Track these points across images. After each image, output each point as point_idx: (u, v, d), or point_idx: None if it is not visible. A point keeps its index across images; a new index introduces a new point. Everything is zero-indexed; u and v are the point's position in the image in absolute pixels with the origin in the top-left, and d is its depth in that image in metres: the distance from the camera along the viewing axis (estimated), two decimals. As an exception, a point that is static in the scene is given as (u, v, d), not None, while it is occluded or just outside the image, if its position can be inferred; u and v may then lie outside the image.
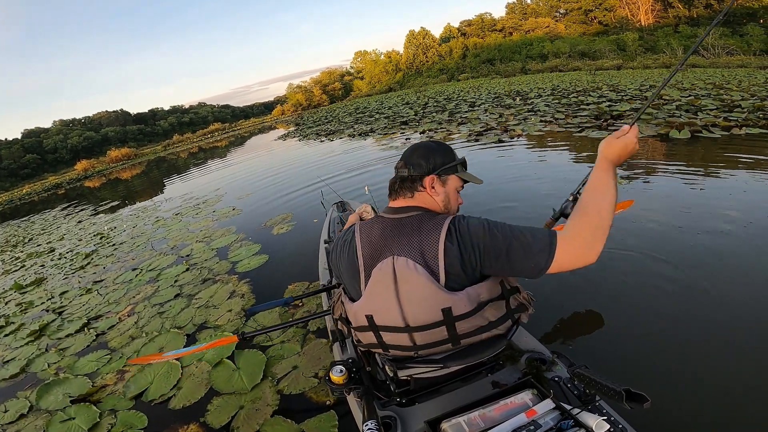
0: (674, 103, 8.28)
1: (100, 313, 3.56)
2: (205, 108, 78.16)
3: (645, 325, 2.03)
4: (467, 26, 47.79)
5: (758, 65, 20.00)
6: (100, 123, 62.47)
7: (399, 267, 0.99)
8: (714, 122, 6.04)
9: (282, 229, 4.49)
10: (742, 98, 8.16)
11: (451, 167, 1.12)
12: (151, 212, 7.67)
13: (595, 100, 10.13)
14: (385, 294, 1.02)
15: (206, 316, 2.99)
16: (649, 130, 6.05)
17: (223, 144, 25.79)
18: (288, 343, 2.43)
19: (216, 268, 3.81)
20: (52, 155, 52.75)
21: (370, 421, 1.00)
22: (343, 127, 14.81)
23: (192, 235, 5.12)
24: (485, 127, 8.61)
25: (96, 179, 22.82)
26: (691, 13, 35.03)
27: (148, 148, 43.32)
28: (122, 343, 2.90)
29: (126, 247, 5.53)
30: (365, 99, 38.46)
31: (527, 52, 38.58)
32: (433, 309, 0.99)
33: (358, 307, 1.08)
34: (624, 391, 0.84)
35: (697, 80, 13.16)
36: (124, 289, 3.94)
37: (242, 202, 6.47)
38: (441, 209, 1.10)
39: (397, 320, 1.03)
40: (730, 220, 2.91)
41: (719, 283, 2.23)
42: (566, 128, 7.10)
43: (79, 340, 3.09)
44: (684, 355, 1.80)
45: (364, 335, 1.13)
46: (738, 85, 10.89)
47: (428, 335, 1.03)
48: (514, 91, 15.80)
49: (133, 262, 4.71)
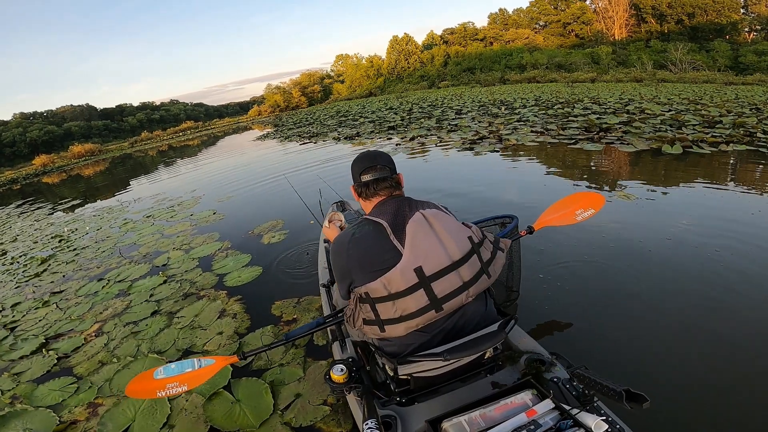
0: (657, 117, 8.48)
1: (60, 330, 3.09)
2: (177, 105, 75.16)
3: (644, 326, 2.05)
4: (450, 34, 48.49)
5: (723, 81, 21.21)
6: (63, 117, 58.90)
7: (429, 214, 1.15)
8: (702, 138, 6.15)
9: (274, 238, 4.08)
10: (719, 114, 8.47)
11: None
12: (118, 213, 6.99)
13: (581, 111, 10.28)
14: (427, 237, 1.12)
15: (192, 339, 2.59)
16: (641, 144, 6.08)
17: (196, 143, 24.74)
18: (288, 366, 2.17)
19: (199, 281, 3.38)
20: (10, 149, 49.53)
21: (370, 420, 1.01)
22: (327, 130, 14.44)
23: (168, 242, 4.62)
24: (477, 135, 8.51)
25: (55, 175, 21.28)
26: (663, 28, 36.94)
27: (114, 144, 41.12)
28: (90, 370, 2.49)
29: (89, 252, 4.95)
30: (346, 102, 38.10)
31: (506, 62, 39.48)
32: (463, 239, 1.16)
33: (404, 264, 1.09)
34: (624, 391, 0.85)
35: (671, 95, 13.70)
36: (89, 302, 3.45)
37: (223, 205, 5.98)
38: None
39: (444, 260, 1.11)
40: (738, 230, 3.00)
41: (719, 283, 2.27)
42: (559, 140, 7.08)
43: (37, 364, 2.67)
44: (683, 356, 1.82)
45: (414, 299, 1.10)
46: (711, 100, 11.38)
47: (467, 269, 1.14)
48: (498, 101, 15.95)
49: (99, 271, 4.18)
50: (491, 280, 1.20)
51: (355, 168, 1.29)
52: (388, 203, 1.22)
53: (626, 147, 6.09)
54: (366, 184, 1.26)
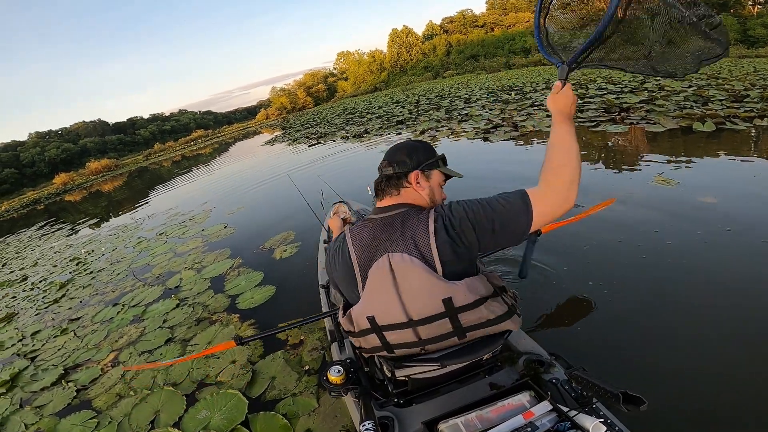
0: (680, 93, 8.02)
1: (78, 360, 3.06)
2: (187, 115, 76.31)
3: (643, 327, 2.00)
4: (449, 23, 47.77)
5: (737, 54, 20.25)
6: (77, 134, 60.47)
7: (395, 262, 0.98)
8: (734, 114, 5.74)
9: (285, 252, 3.94)
10: (744, 88, 7.97)
11: (433, 162, 1.12)
12: (133, 232, 7.01)
13: (596, 92, 9.84)
14: (384, 291, 1.00)
15: (205, 369, 2.48)
16: (669, 123, 5.71)
17: (207, 151, 25.01)
18: (300, 396, 2.06)
19: (212, 304, 3.27)
20: (30, 169, 51.00)
21: (368, 421, 1.00)
22: (334, 129, 14.30)
23: (180, 261, 4.55)
24: (491, 124, 8.21)
25: (76, 193, 21.85)
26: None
27: (129, 159, 42.07)
28: (108, 403, 2.44)
29: (105, 275, 4.93)
30: (351, 99, 37.95)
31: (510, 47, 38.67)
32: (434, 300, 0.98)
33: (358, 310, 1.05)
34: (621, 394, 0.84)
35: (690, 69, 13.03)
36: (105, 330, 3.40)
37: (234, 218, 5.89)
38: (427, 203, 1.09)
39: (399, 316, 1.01)
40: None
41: (719, 284, 2.20)
42: (579, 123, 6.73)
43: (58, 396, 2.66)
44: (682, 358, 1.78)
45: (367, 339, 1.08)
46: (730, 74, 10.76)
47: (433, 328, 1.01)
48: (507, 86, 15.51)
49: (114, 295, 4.14)
50: (463, 342, 1.08)
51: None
52: (377, 221, 1.08)
53: (653, 126, 5.73)
54: (377, 180, 1.15)
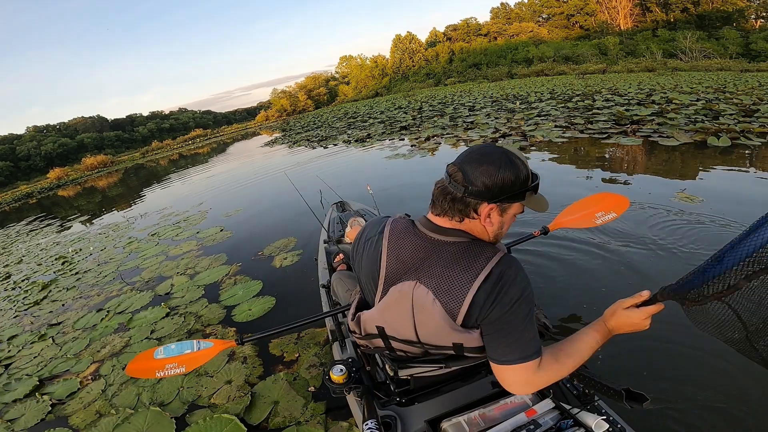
0: (689, 107, 7.92)
1: (56, 371, 2.79)
2: (186, 114, 75.80)
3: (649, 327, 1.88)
4: (453, 31, 48.01)
5: (739, 68, 20.40)
6: (75, 129, 59.81)
7: (418, 296, 0.90)
8: (749, 128, 5.61)
9: (286, 260, 3.68)
10: (753, 102, 7.89)
11: (519, 194, 0.85)
12: (124, 231, 6.70)
13: (603, 103, 9.73)
14: (400, 314, 0.95)
15: (197, 388, 2.23)
16: (683, 137, 5.56)
17: (206, 151, 24.69)
18: (306, 426, 1.84)
19: (205, 315, 3.00)
20: (26, 162, 50.33)
21: (370, 421, 1.01)
22: (336, 133, 14.10)
23: (172, 265, 4.27)
24: (498, 133, 8.04)
25: (70, 188, 21.41)
26: (669, 17, 36.11)
27: (126, 155, 41.55)
28: (87, 421, 2.19)
29: (91, 276, 4.64)
30: (353, 104, 37.84)
31: (512, 56, 38.92)
32: (444, 341, 0.93)
33: (369, 316, 1.01)
34: (624, 391, 0.84)
35: (692, 84, 13.03)
36: (86, 338, 3.13)
37: (231, 220, 5.63)
38: (490, 238, 0.92)
39: (409, 335, 0.97)
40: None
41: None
42: (589, 134, 6.58)
43: (31, 410, 2.41)
44: (684, 355, 1.78)
45: (372, 342, 1.05)
46: (736, 88, 10.73)
47: (441, 350, 0.98)
48: (510, 95, 15.42)
49: (99, 300, 3.86)
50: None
51: None
52: (425, 238, 0.92)
53: (667, 140, 5.60)
54: (439, 190, 0.93)
